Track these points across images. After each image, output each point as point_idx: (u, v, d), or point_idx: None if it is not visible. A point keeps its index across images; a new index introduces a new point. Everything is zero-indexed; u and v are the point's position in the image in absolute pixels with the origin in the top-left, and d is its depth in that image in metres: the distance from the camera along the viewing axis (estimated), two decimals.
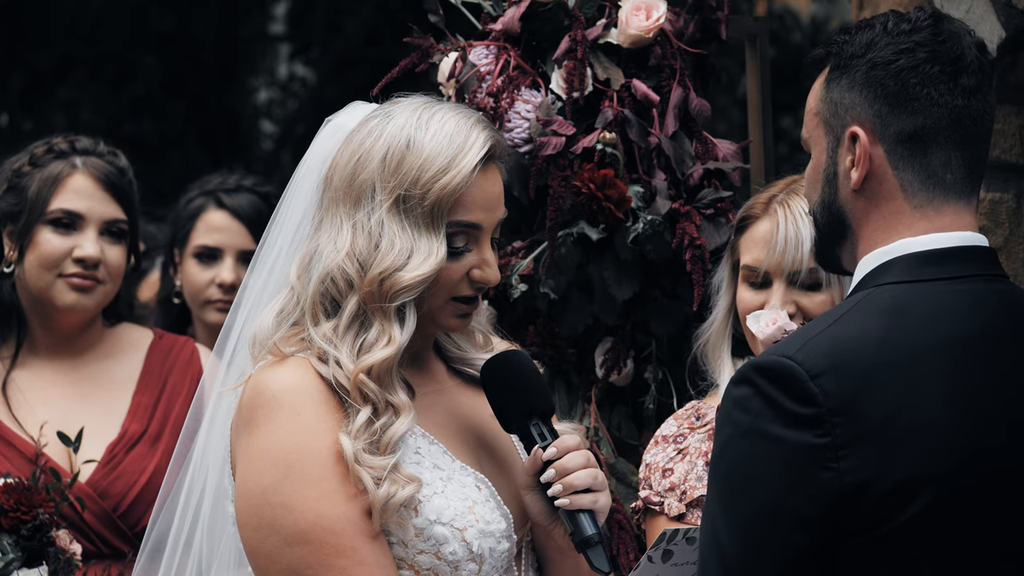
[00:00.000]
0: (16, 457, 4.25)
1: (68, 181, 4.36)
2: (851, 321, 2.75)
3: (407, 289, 3.12)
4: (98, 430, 4.34)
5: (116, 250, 4.39)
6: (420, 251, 3.12)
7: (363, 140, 3.19)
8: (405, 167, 3.14)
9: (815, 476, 2.65)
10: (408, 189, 3.13)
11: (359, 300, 3.14)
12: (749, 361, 2.78)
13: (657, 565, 3.25)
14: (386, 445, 3.08)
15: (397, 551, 3.11)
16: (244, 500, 3.12)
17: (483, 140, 3.18)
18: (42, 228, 4.35)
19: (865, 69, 2.84)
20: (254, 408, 3.12)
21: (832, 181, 2.89)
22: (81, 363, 4.44)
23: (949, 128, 2.82)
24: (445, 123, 3.17)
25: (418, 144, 3.15)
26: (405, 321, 3.14)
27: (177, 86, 10.67)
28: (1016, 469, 2.72)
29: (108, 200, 4.38)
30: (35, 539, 3.96)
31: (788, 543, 2.67)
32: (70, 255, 4.33)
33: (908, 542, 2.67)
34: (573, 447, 3.16)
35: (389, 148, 3.16)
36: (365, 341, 3.13)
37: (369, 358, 3.11)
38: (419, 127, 3.16)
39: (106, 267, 4.36)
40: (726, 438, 2.73)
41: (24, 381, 4.38)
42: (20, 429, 4.28)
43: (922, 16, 2.86)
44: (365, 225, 3.15)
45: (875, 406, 2.67)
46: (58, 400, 4.37)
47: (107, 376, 4.44)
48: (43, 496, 3.97)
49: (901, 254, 2.81)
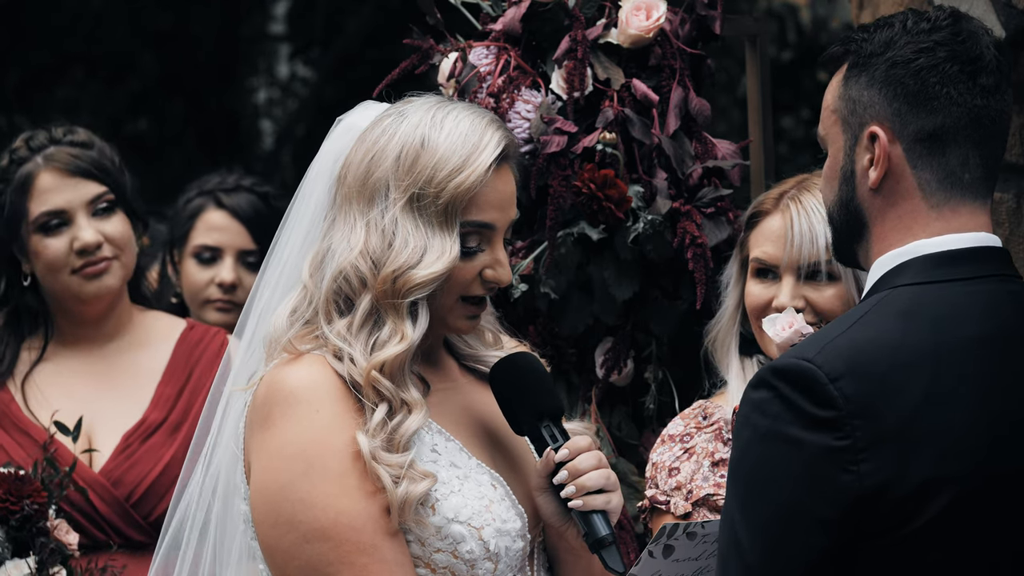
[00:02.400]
0: (31, 445, 4.25)
1: (36, 183, 4.34)
2: (868, 324, 2.75)
3: (420, 286, 3.12)
4: (120, 419, 4.34)
5: (112, 222, 4.37)
6: (434, 249, 3.13)
7: (377, 139, 3.19)
8: (419, 166, 3.15)
9: (835, 479, 2.66)
10: (422, 188, 3.14)
11: (372, 298, 3.14)
12: (768, 364, 2.78)
13: (658, 560, 3.24)
14: (399, 442, 3.09)
15: (414, 549, 3.11)
16: (262, 497, 3.11)
17: (497, 140, 3.18)
18: (35, 236, 4.35)
19: (885, 67, 2.83)
20: (271, 405, 3.12)
21: (849, 179, 2.88)
22: (110, 352, 4.44)
23: (968, 127, 2.82)
24: (460, 122, 3.18)
25: (433, 143, 3.15)
26: (418, 318, 3.15)
27: (176, 85, 10.67)
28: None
29: (81, 183, 4.35)
30: (24, 529, 3.96)
31: (808, 545, 2.67)
32: (72, 249, 4.33)
33: (928, 544, 2.67)
34: (585, 448, 3.17)
35: (403, 147, 3.16)
36: (378, 339, 3.13)
37: (381, 355, 3.11)
38: (433, 126, 3.17)
39: (110, 242, 4.35)
40: (745, 441, 2.73)
41: (50, 372, 4.38)
42: (35, 418, 4.29)
43: (941, 15, 2.86)
44: (379, 223, 3.15)
45: (894, 408, 2.67)
46: (83, 389, 4.37)
47: (135, 365, 4.44)
48: (34, 487, 3.97)
49: (916, 255, 2.81)
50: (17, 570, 3.94)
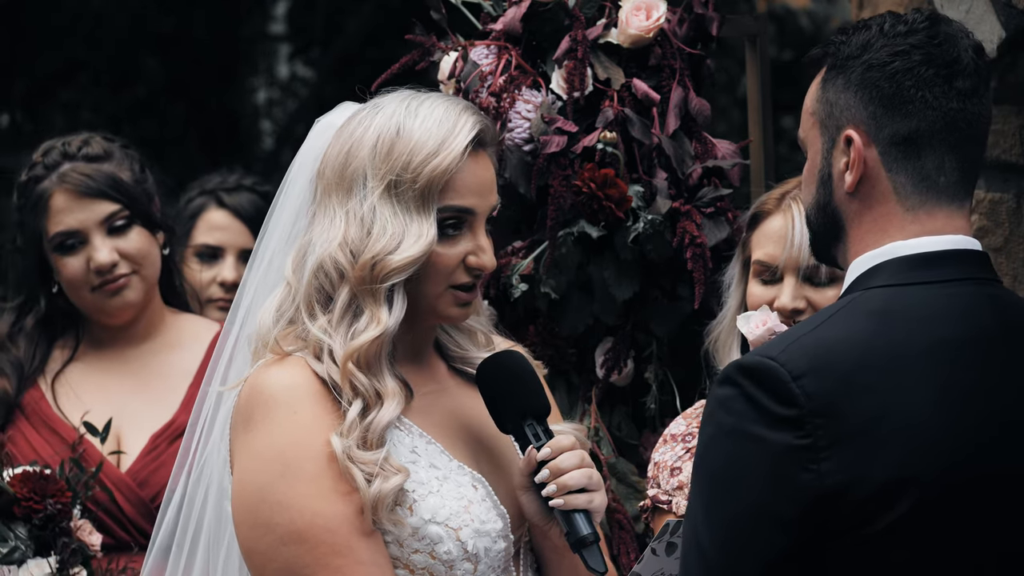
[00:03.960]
0: (59, 443, 4.26)
1: (51, 203, 4.34)
2: (837, 323, 2.75)
3: (397, 271, 3.13)
4: (150, 420, 4.35)
5: (129, 238, 4.37)
6: (411, 234, 3.14)
7: (353, 131, 3.22)
8: (395, 152, 3.17)
9: (795, 477, 2.65)
10: (399, 174, 3.16)
11: (350, 289, 3.15)
12: (733, 361, 2.78)
13: (661, 558, 3.25)
14: (372, 438, 3.09)
15: (392, 550, 3.11)
16: (240, 499, 3.12)
17: (471, 124, 3.20)
18: (54, 256, 4.36)
19: (861, 70, 2.83)
20: (252, 408, 3.13)
21: (827, 182, 2.88)
22: (142, 353, 4.45)
23: (943, 131, 2.82)
24: (434, 109, 3.20)
25: (408, 129, 3.18)
26: (394, 304, 3.15)
27: (178, 87, 10.66)
28: (1004, 472, 2.71)
29: (94, 203, 4.34)
30: (47, 529, 3.97)
31: (769, 544, 2.66)
32: (89, 268, 4.33)
33: (893, 544, 2.66)
34: (567, 447, 3.17)
35: (379, 135, 3.18)
36: (356, 328, 3.14)
37: (356, 342, 3.12)
38: (408, 114, 3.20)
39: (127, 259, 4.35)
40: (708, 437, 2.74)
41: (81, 371, 4.40)
42: (65, 417, 4.29)
43: (919, 18, 2.86)
44: (357, 212, 3.17)
45: (858, 408, 2.67)
46: (114, 389, 4.38)
47: (167, 367, 4.44)
48: (58, 486, 3.98)
49: (890, 257, 2.80)
50: (39, 569, 3.95)
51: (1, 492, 3.95)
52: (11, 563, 3.92)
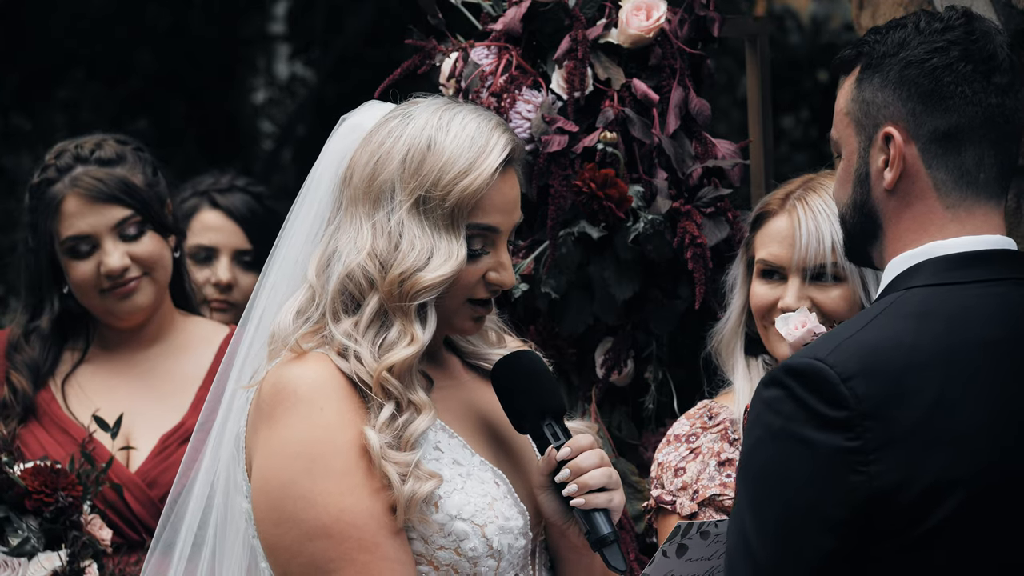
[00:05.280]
0: (70, 444, 4.26)
1: (63, 207, 4.33)
2: (881, 324, 2.75)
3: (428, 289, 3.13)
4: (159, 422, 4.35)
5: (141, 243, 4.36)
6: (440, 252, 3.13)
7: (383, 140, 3.19)
8: (426, 168, 3.14)
9: (845, 479, 2.65)
10: (429, 190, 3.14)
11: (380, 299, 3.14)
12: (781, 363, 2.77)
13: (672, 560, 3.24)
14: (408, 441, 3.09)
15: (417, 547, 3.11)
16: (264, 494, 3.11)
17: (504, 143, 3.19)
18: (65, 259, 4.36)
19: (898, 68, 2.84)
20: (275, 403, 3.12)
21: (864, 181, 2.88)
22: (152, 355, 4.45)
23: (983, 126, 2.82)
24: (466, 125, 3.18)
25: (439, 145, 3.15)
26: (427, 321, 3.15)
27: (176, 85, 10.66)
28: None
29: (105, 208, 4.34)
30: (57, 522, 3.97)
31: (818, 546, 2.67)
32: (100, 272, 4.33)
33: (938, 546, 2.66)
34: (587, 446, 3.17)
35: (410, 149, 3.16)
36: (386, 339, 3.14)
37: (392, 356, 3.11)
38: (440, 128, 3.17)
39: (138, 263, 4.35)
40: (756, 440, 2.73)
41: (91, 373, 4.40)
42: (75, 418, 4.30)
43: (954, 15, 2.87)
44: (385, 226, 3.15)
45: (906, 409, 2.67)
46: (124, 391, 4.38)
47: (177, 370, 4.44)
48: (69, 479, 3.98)
49: (930, 257, 2.81)
50: (49, 562, 3.95)
51: (12, 485, 3.97)
52: (22, 555, 3.93)
